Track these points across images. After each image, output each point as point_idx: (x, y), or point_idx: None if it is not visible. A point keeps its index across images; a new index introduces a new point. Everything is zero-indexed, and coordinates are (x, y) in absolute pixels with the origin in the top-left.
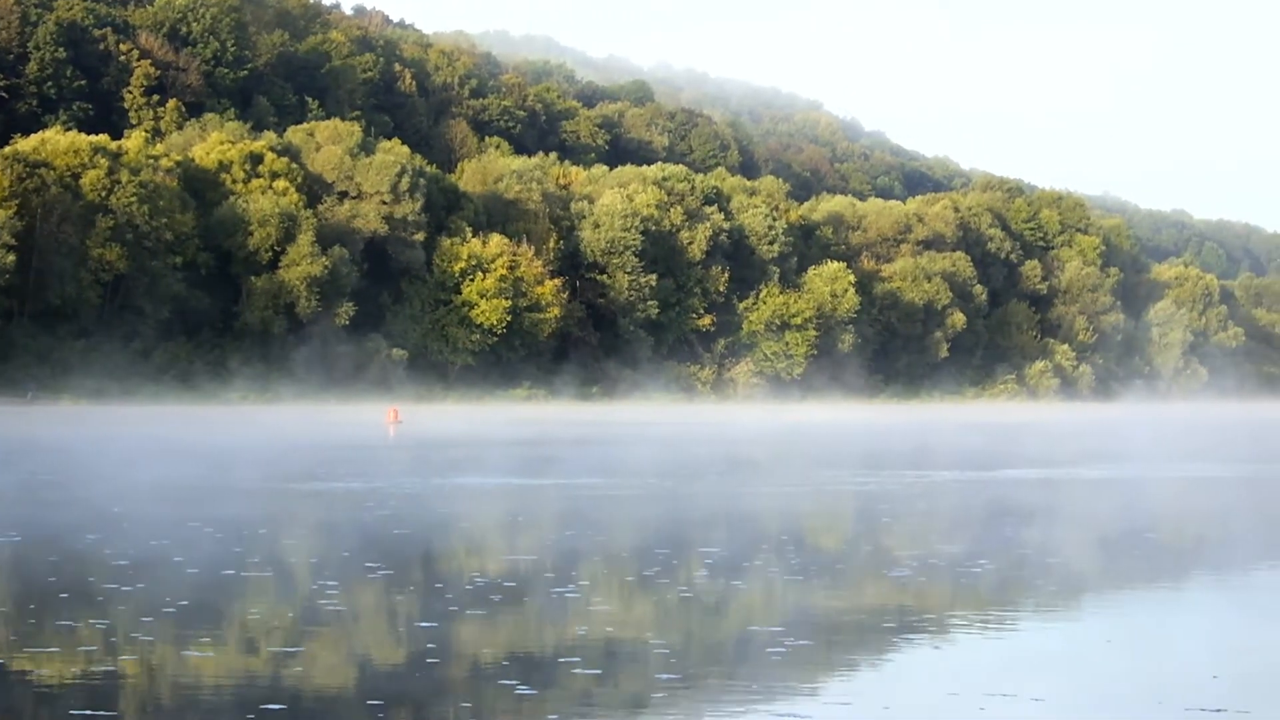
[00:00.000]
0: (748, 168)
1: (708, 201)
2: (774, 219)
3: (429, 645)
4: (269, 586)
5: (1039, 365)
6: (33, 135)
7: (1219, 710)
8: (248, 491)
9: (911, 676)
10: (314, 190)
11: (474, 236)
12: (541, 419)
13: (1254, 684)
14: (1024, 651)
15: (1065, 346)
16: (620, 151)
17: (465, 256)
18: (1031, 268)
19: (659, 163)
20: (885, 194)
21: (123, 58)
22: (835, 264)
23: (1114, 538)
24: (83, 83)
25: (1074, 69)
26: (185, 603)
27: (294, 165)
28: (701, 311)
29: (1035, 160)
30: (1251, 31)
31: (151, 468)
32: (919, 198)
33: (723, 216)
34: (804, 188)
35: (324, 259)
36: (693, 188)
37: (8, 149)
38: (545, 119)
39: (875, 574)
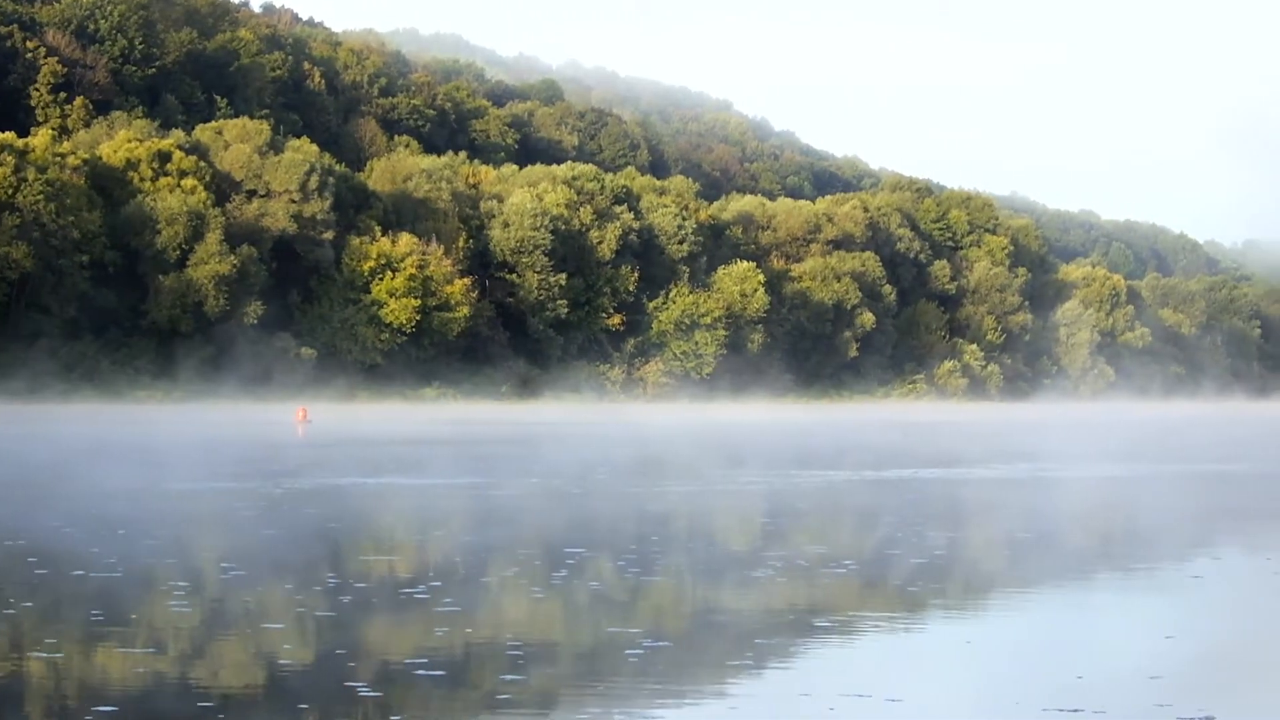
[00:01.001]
0: (657, 167)
1: (617, 201)
2: (683, 218)
3: (273, 647)
4: (116, 588)
5: (947, 365)
6: None
7: (1076, 710)
8: (129, 492)
9: (765, 677)
10: (222, 189)
11: (383, 235)
12: (449, 419)
13: (1118, 684)
14: (887, 652)
15: (974, 346)
16: (530, 151)
17: (374, 255)
18: (940, 268)
19: (569, 162)
20: (795, 194)
21: (29, 55)
22: (745, 263)
23: (997, 537)
24: None
25: (982, 69)
26: (29, 604)
27: (202, 163)
28: (611, 311)
29: (944, 160)
30: (1158, 34)
31: (42, 467)
32: (828, 197)
33: (632, 216)
34: (714, 187)
35: (232, 258)
36: (602, 187)
37: None
38: (455, 118)
39: (740, 574)
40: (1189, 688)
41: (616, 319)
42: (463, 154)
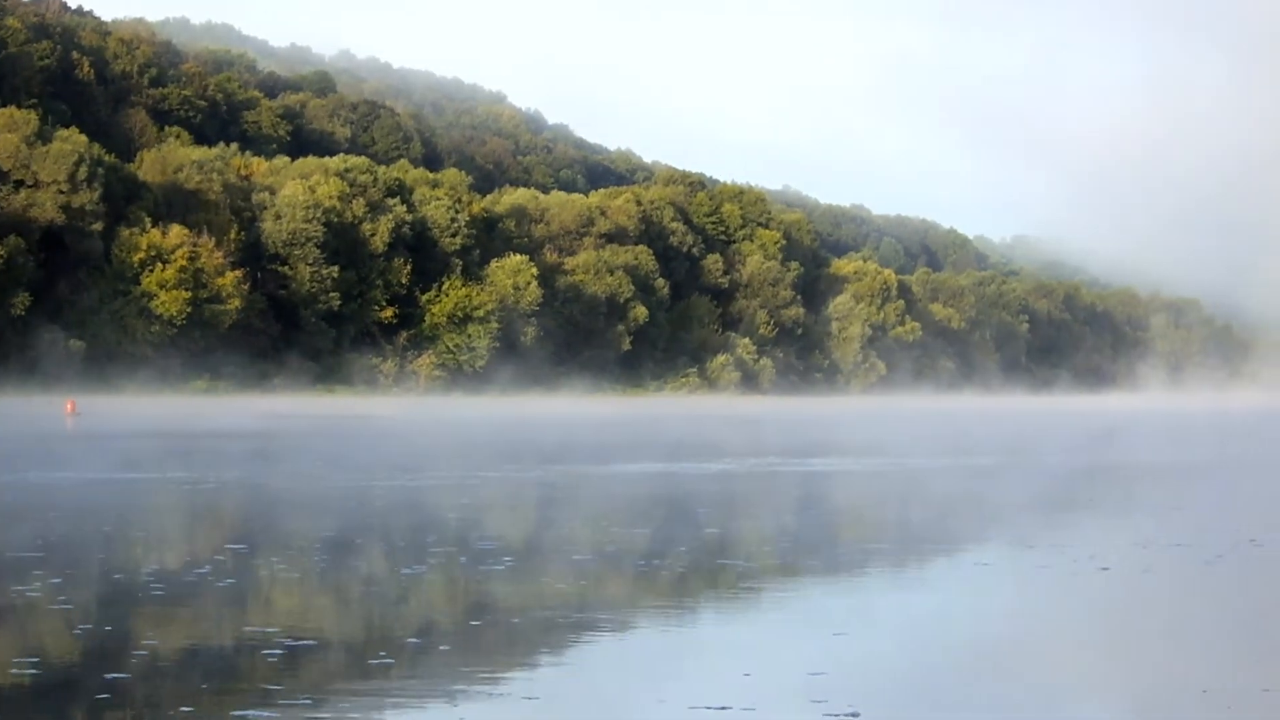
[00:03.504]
0: (430, 160)
1: (390, 193)
2: (456, 211)
3: None
4: None
5: (720, 359)
6: None
7: (724, 708)
8: None
9: (399, 676)
10: None
11: (154, 227)
12: (218, 412)
13: (778, 681)
14: (538, 650)
15: (746, 340)
16: (302, 142)
17: (145, 247)
18: (713, 261)
19: (341, 154)
20: (568, 187)
21: None
22: (518, 257)
23: (699, 534)
24: None
25: (753, 65)
26: None
27: None
28: (384, 304)
29: (717, 154)
30: (913, 29)
31: None
32: (602, 191)
33: (405, 209)
34: (487, 180)
35: None
36: (375, 179)
37: None
38: (226, 109)
39: (389, 572)
40: (846, 684)
41: (389, 312)
42: (234, 145)
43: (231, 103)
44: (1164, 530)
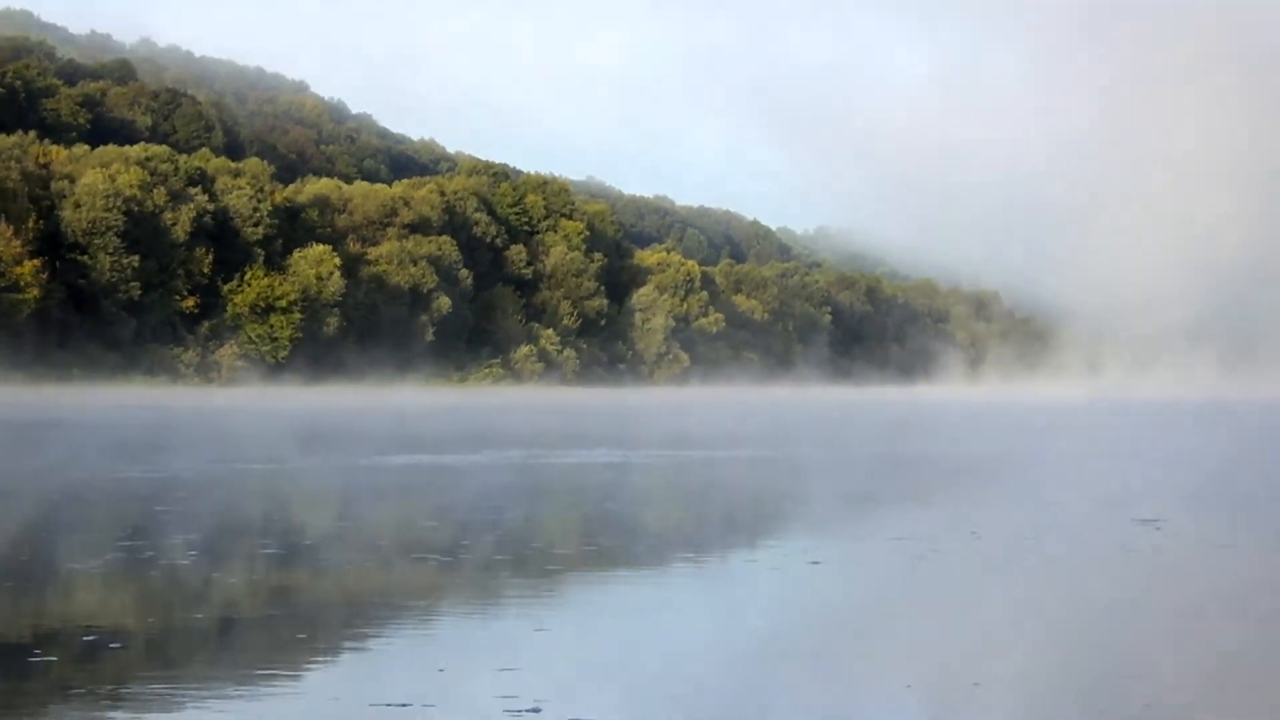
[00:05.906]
0: (233, 149)
1: (192, 182)
2: (259, 201)
3: None
4: None
5: (524, 350)
6: None
7: (404, 705)
8: None
9: (112, 672)
10: None
11: None
12: (12, 402)
13: (470, 678)
14: (222, 650)
15: (550, 331)
16: (103, 131)
17: None
18: (517, 252)
19: (142, 143)
20: (372, 177)
21: None
22: (321, 247)
23: (426, 528)
24: None
25: (557, 56)
26: None
27: None
28: (185, 293)
29: (520, 145)
30: (716, 25)
31: None
32: (405, 181)
33: (207, 198)
34: (290, 169)
35: None
36: (176, 168)
37: None
38: (24, 96)
39: (74, 569)
40: (537, 680)
41: (191, 301)
42: (33, 133)
43: (30, 90)
44: (892, 524)
